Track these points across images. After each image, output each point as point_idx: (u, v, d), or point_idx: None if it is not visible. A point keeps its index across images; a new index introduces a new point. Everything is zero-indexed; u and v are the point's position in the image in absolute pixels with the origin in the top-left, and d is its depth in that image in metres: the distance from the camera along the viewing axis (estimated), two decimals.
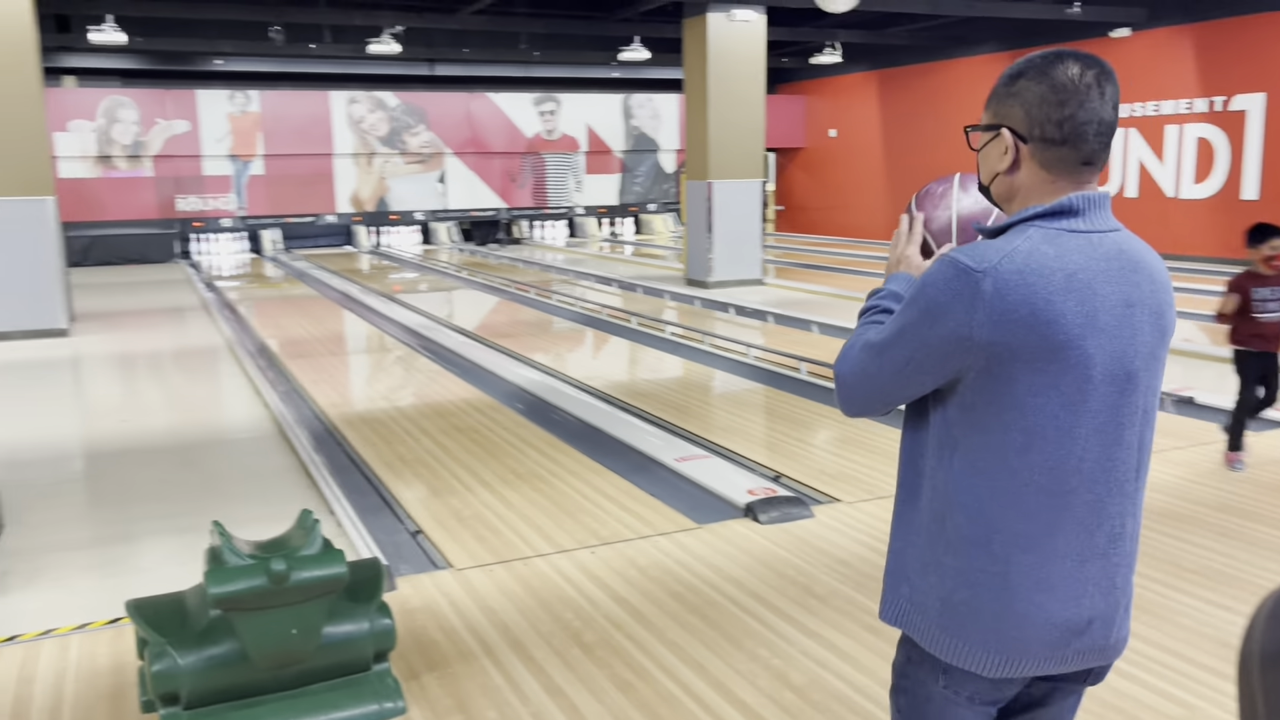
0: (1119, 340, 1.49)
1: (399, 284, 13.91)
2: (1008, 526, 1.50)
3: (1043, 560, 1.51)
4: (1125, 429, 1.52)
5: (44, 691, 2.97)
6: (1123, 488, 1.53)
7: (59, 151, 16.83)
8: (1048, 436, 1.48)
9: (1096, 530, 1.52)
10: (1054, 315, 1.44)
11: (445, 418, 6.25)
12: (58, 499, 4.86)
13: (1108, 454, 1.51)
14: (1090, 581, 1.53)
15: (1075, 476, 1.50)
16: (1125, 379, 1.50)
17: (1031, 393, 1.47)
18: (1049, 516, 1.50)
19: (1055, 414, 1.47)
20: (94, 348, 9.19)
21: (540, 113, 20.29)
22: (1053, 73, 1.50)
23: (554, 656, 3.15)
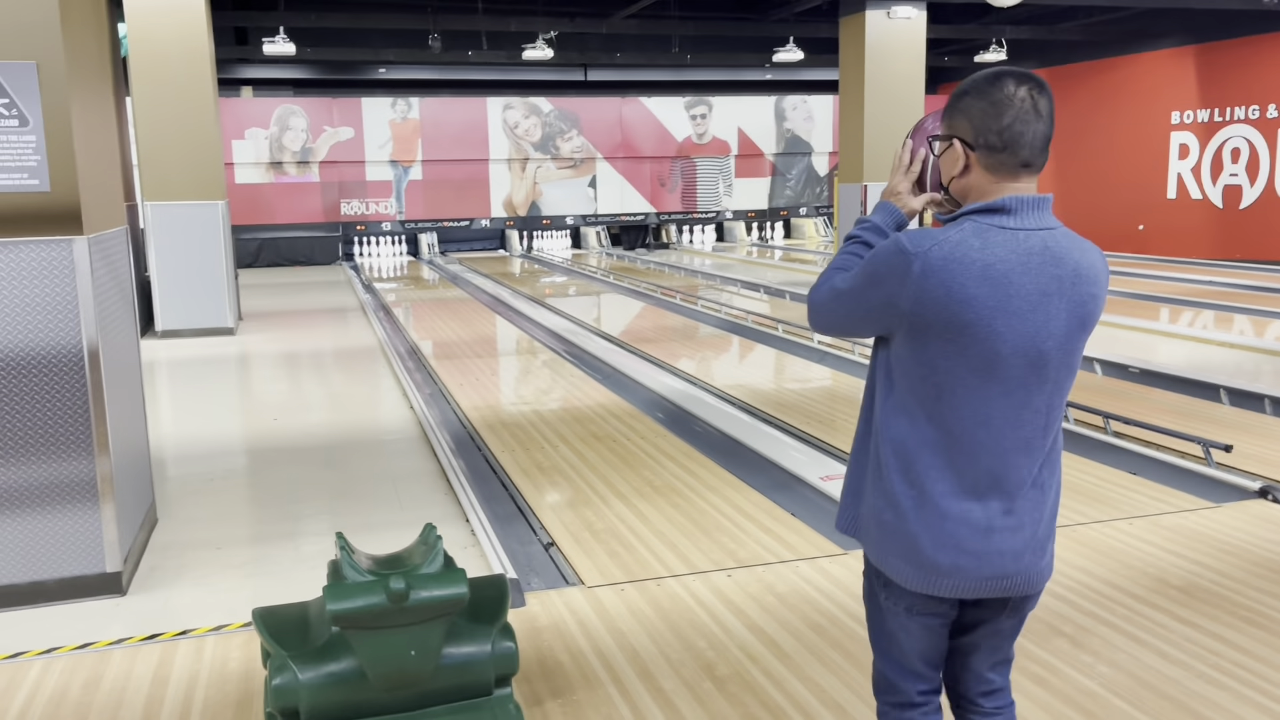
0: (1031, 323, 1.73)
1: (549, 288, 14.03)
2: (923, 461, 1.79)
3: (953, 493, 1.78)
4: (1034, 396, 1.77)
5: (175, 694, 2.97)
6: (1030, 444, 1.80)
7: (236, 159, 17.79)
8: (956, 393, 1.76)
9: (1003, 475, 1.79)
10: (966, 298, 1.71)
11: (584, 425, 6.15)
12: (207, 495, 4.98)
13: (1016, 415, 1.77)
14: (997, 518, 1.79)
15: (983, 429, 1.77)
16: (1036, 356, 1.75)
17: (943, 356, 1.75)
18: (958, 458, 1.78)
19: (963, 377, 1.75)
20: (256, 347, 9.56)
21: (691, 116, 20.18)
22: (992, 90, 1.77)
23: (684, 689, 2.96)
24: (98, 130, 3.93)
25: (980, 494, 1.78)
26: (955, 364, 1.74)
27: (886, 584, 1.89)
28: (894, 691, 1.99)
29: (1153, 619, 3.35)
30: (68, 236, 3.50)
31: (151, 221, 9.87)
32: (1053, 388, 1.79)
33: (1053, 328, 1.75)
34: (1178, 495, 4.64)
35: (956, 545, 1.79)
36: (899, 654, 1.95)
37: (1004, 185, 1.79)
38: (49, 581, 3.62)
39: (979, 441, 1.77)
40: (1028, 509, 1.81)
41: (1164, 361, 7.70)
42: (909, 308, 1.75)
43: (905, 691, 1.97)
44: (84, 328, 3.55)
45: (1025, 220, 1.77)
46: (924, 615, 1.87)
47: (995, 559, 1.80)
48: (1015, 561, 1.81)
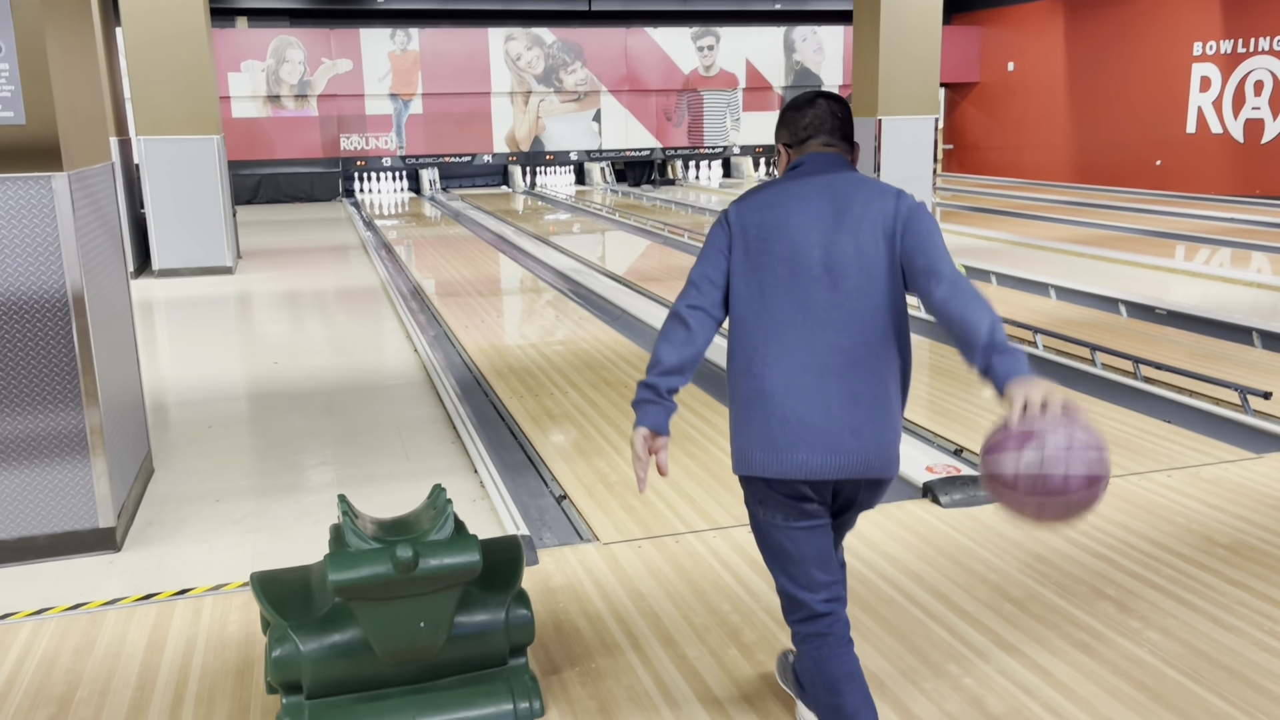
0: (813, 235, 2.07)
1: (553, 226, 13.74)
2: (759, 349, 2.07)
3: (788, 372, 2.05)
4: (836, 290, 2.05)
5: (171, 660, 2.81)
6: (846, 327, 2.05)
7: (232, 92, 17.35)
8: (774, 292, 2.07)
9: (827, 355, 2.04)
10: (755, 223, 2.12)
11: (594, 369, 5.95)
12: (206, 444, 4.81)
13: (827, 300, 2.05)
14: (832, 393, 2.04)
15: (799, 314, 2.05)
16: (825, 258, 2.06)
17: (755, 269, 2.10)
18: (786, 341, 2.06)
19: (774, 282, 2.08)
20: (255, 286, 9.33)
21: (698, 47, 19.65)
22: (793, 103, 2.26)
23: (709, 657, 2.79)
24: (77, 60, 3.67)
25: (815, 370, 2.04)
26: (769, 273, 2.09)
27: (748, 484, 2.17)
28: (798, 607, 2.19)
29: (1202, 580, 3.18)
30: (46, 173, 3.26)
31: (146, 157, 9.58)
32: (857, 285, 2.05)
33: (838, 239, 2.07)
34: (1216, 445, 4.45)
35: (799, 419, 2.04)
36: (791, 565, 2.15)
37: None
38: (39, 537, 3.46)
39: (798, 324, 2.06)
40: (862, 387, 2.06)
41: (1188, 301, 7.46)
42: (735, 231, 2.15)
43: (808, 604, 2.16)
44: (67, 270, 3.33)
45: (812, 169, 2.18)
46: (788, 517, 2.11)
47: (842, 434, 2.05)
48: (857, 437, 2.05)
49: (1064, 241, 10.67)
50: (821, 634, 2.14)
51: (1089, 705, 2.53)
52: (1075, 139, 17.96)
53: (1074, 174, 17.98)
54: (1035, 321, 6.76)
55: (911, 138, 11.73)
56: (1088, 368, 5.71)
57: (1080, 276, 8.53)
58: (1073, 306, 7.58)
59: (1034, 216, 13.04)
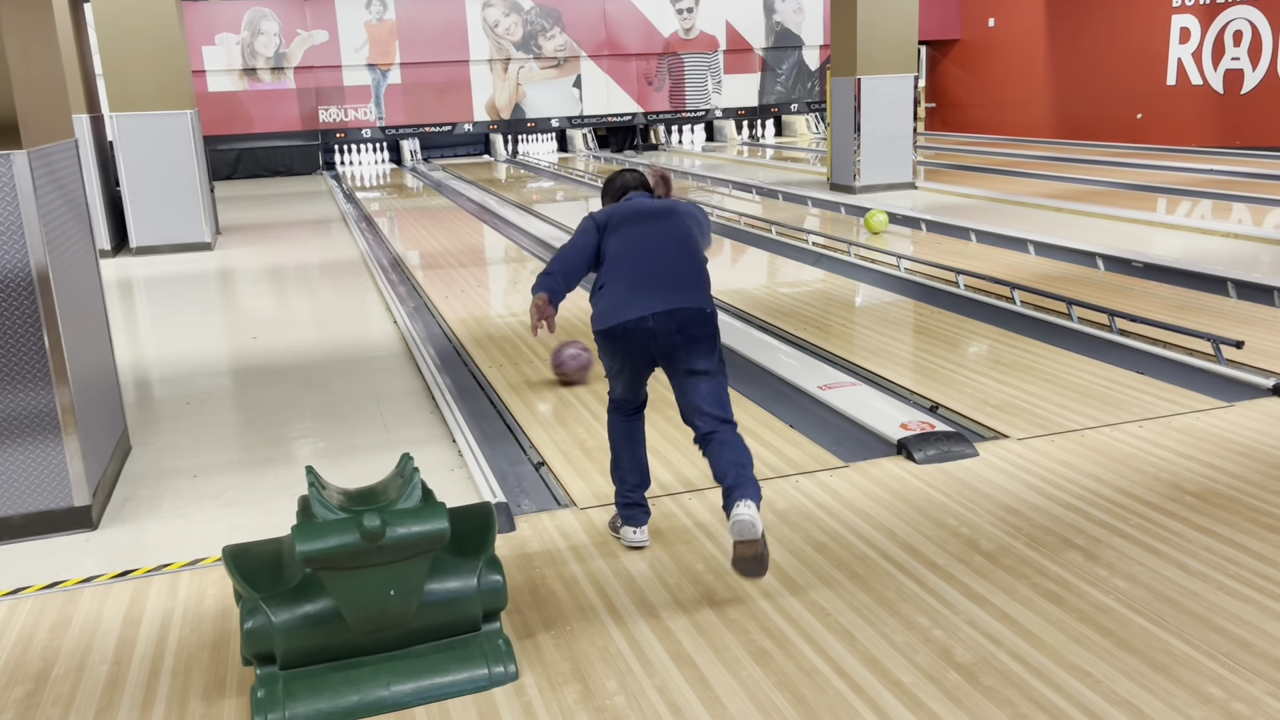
0: (640, 221, 3.24)
1: (535, 194, 13.67)
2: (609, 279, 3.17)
3: (622, 289, 3.12)
4: (664, 243, 3.19)
5: (148, 636, 2.83)
6: (670, 265, 3.15)
7: (207, 66, 17.16)
8: (623, 249, 3.18)
9: (652, 279, 3.12)
10: (605, 219, 3.27)
11: (574, 337, 5.94)
12: (184, 420, 4.81)
13: (658, 252, 3.17)
14: (649, 296, 3.08)
15: (634, 258, 3.17)
16: (652, 228, 3.22)
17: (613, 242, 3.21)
18: (623, 274, 3.14)
19: (622, 245, 3.18)
20: (235, 261, 9.29)
21: (677, 10, 19.47)
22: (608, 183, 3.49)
23: (682, 616, 2.82)
24: (34, 35, 3.62)
25: (641, 288, 3.09)
26: (620, 243, 3.19)
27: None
28: None
29: (1169, 528, 3.22)
30: (5, 151, 3.23)
31: (119, 133, 9.48)
32: (678, 241, 3.20)
33: (653, 222, 3.23)
34: (1188, 395, 4.48)
35: (629, 311, 3.09)
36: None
37: None
38: (15, 517, 3.46)
39: (633, 266, 3.16)
40: (668, 289, 3.11)
41: (1166, 254, 7.48)
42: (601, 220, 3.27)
43: None
44: (30, 249, 3.31)
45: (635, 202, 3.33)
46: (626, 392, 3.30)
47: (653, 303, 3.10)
48: (667, 303, 3.08)
49: (1044, 197, 10.67)
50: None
51: (1054, 652, 2.56)
52: (1056, 94, 17.90)
53: (1055, 129, 17.94)
54: (1013, 277, 6.77)
55: (890, 96, 11.68)
56: (1064, 322, 5.73)
57: (1059, 232, 8.54)
58: (1051, 262, 7.60)
59: (1015, 173, 13.02)
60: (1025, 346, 5.35)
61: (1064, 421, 4.21)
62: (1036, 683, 2.45)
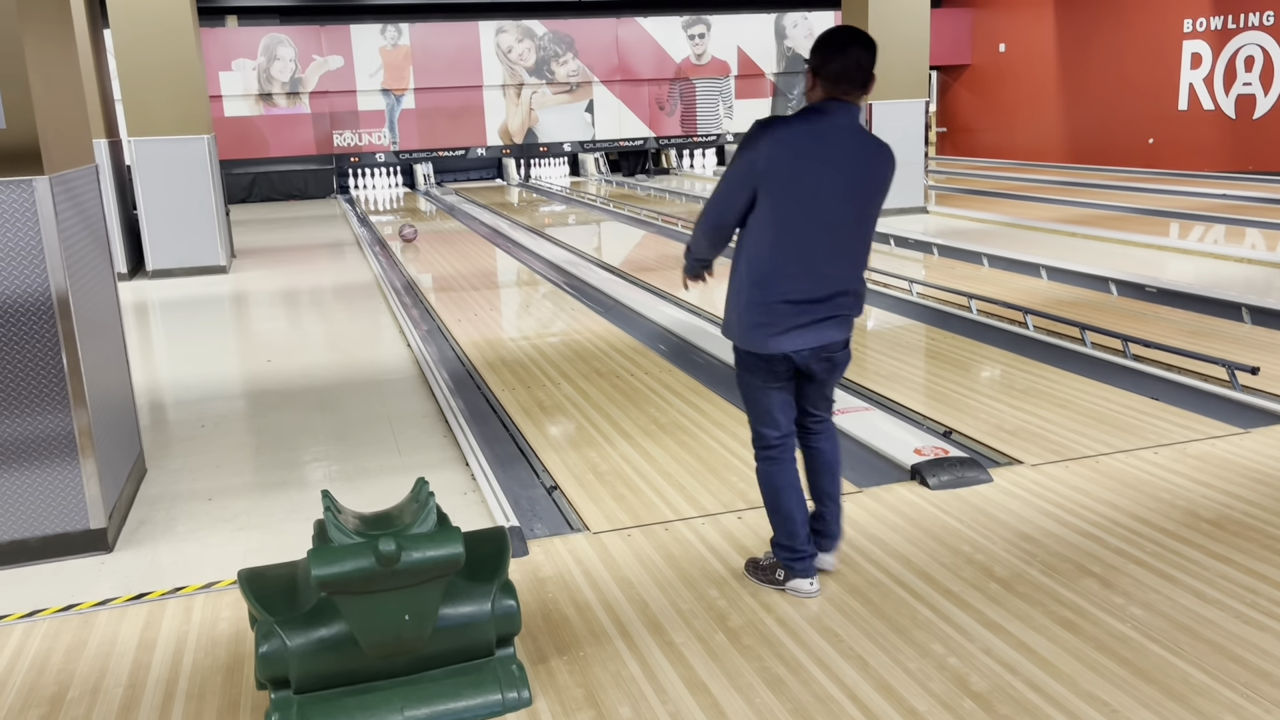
0: (831, 176, 2.74)
1: (548, 218, 13.74)
2: (765, 268, 2.81)
3: (782, 297, 2.80)
4: (839, 227, 2.79)
5: (162, 659, 2.84)
6: (836, 260, 2.81)
7: (224, 91, 17.33)
8: (794, 216, 2.76)
9: (813, 277, 2.80)
10: (798, 155, 2.73)
11: (586, 360, 5.97)
12: (199, 442, 4.83)
13: (827, 237, 2.78)
14: (820, 309, 2.82)
15: (806, 237, 2.78)
16: (837, 196, 2.76)
17: (782, 195, 2.74)
18: (785, 263, 2.79)
19: (795, 206, 2.75)
20: (250, 285, 9.35)
21: (689, 36, 19.61)
22: (832, 40, 2.80)
23: (696, 642, 2.81)
24: (58, 63, 3.67)
25: (806, 291, 2.82)
26: (791, 199, 2.75)
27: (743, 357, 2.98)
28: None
29: (1185, 555, 3.20)
30: (27, 177, 3.28)
31: (137, 158, 9.58)
32: (854, 224, 2.84)
33: (841, 183, 2.76)
34: (1203, 421, 4.46)
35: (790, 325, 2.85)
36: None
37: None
38: (31, 540, 3.48)
39: (799, 257, 2.81)
40: (834, 306, 2.87)
41: (1180, 279, 7.47)
42: (762, 168, 2.74)
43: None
44: (51, 273, 3.34)
45: (835, 117, 2.79)
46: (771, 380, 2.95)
47: (816, 326, 2.88)
48: (821, 336, 2.89)
49: (1056, 222, 10.67)
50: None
51: (1071, 681, 2.55)
52: (1067, 119, 17.93)
53: (1067, 154, 17.95)
54: (1026, 302, 6.77)
55: (901, 121, 11.73)
56: (1078, 347, 5.72)
57: (1072, 256, 8.54)
58: (1064, 286, 7.59)
59: (1027, 198, 13.03)
60: (1038, 372, 5.34)
61: (1078, 447, 4.20)
62: (1053, 711, 2.43)
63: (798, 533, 3.00)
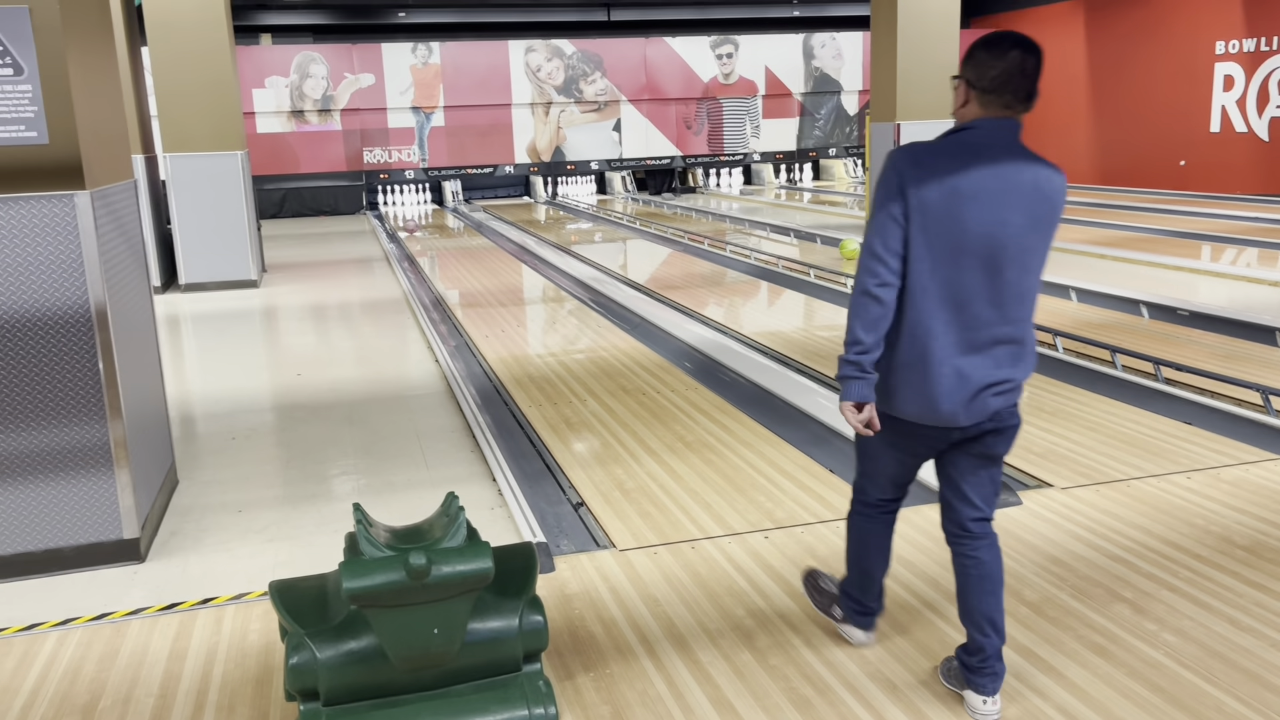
0: (992, 211, 2.28)
1: (574, 235, 13.81)
2: (922, 323, 2.36)
3: (933, 355, 2.35)
4: (1004, 269, 2.32)
5: (193, 669, 2.86)
6: (1003, 307, 2.36)
7: (257, 108, 17.56)
8: (946, 264, 2.31)
9: (977, 330, 2.36)
10: (950, 188, 2.28)
11: (613, 377, 5.98)
12: (229, 455, 4.87)
13: (990, 282, 2.32)
14: (977, 373, 2.37)
15: (966, 291, 2.32)
16: (1001, 235, 2.29)
17: (935, 235, 2.30)
18: (936, 319, 2.35)
19: (949, 251, 2.30)
20: (280, 299, 9.44)
21: (717, 55, 19.69)
22: (995, 49, 2.36)
23: (722, 661, 2.81)
24: (99, 79, 3.75)
25: (965, 345, 2.37)
26: (944, 241, 2.30)
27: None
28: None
29: (1219, 582, 3.16)
30: (69, 191, 3.34)
31: (171, 173, 9.72)
32: (1020, 264, 2.34)
33: (1009, 218, 2.29)
34: (1237, 446, 4.41)
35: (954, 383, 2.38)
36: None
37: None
38: (65, 549, 3.52)
39: (961, 303, 2.34)
40: (1000, 359, 2.41)
41: (1212, 302, 7.40)
42: (911, 199, 2.30)
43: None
44: (90, 286, 3.40)
45: (994, 138, 2.34)
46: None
47: (979, 394, 2.40)
48: (984, 402, 2.41)
49: (1086, 244, 10.60)
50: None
51: (1103, 708, 2.52)
52: (1098, 140, 17.83)
53: (1097, 176, 17.85)
54: (1056, 324, 6.72)
55: None
56: (1109, 370, 5.67)
57: (1102, 278, 8.48)
58: (1094, 309, 7.54)
59: None
60: (1068, 394, 5.30)
61: (1109, 471, 4.16)
62: None
63: (872, 590, 2.76)
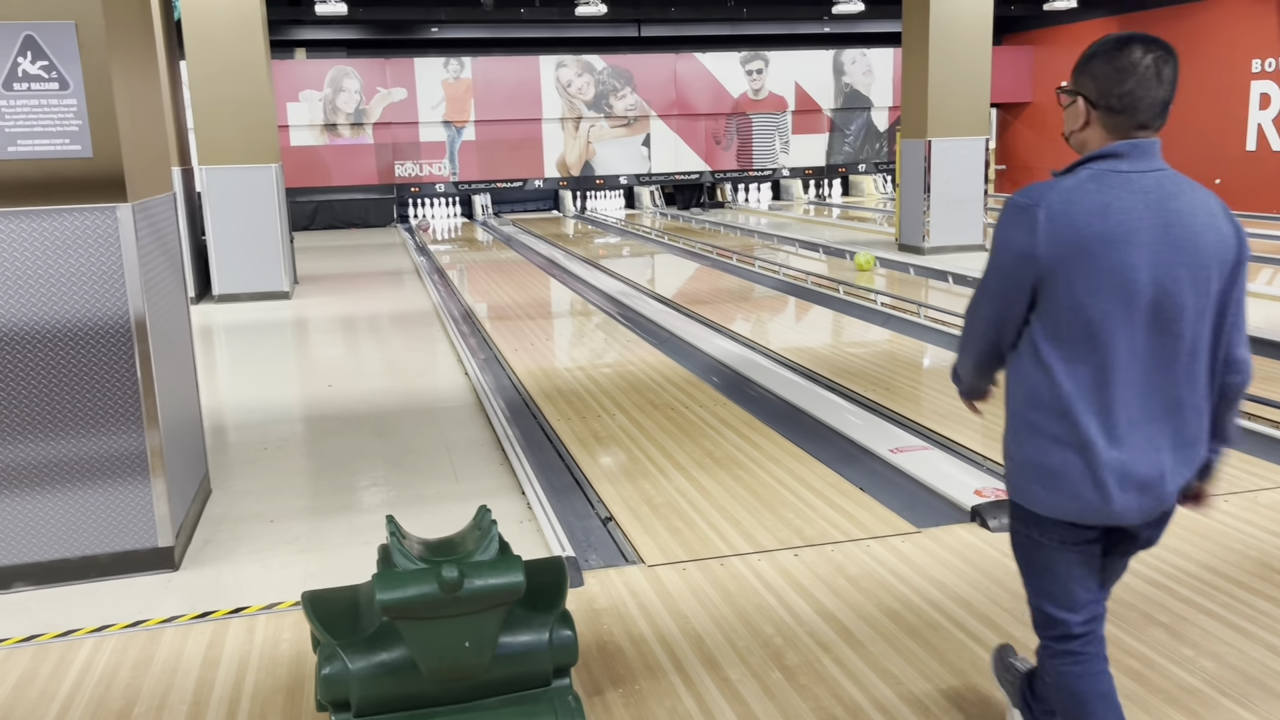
0: (1158, 253, 1.85)
1: (603, 249, 13.85)
2: (1081, 397, 1.91)
3: (1111, 424, 1.90)
4: (1173, 322, 1.88)
5: (225, 678, 2.89)
6: (1173, 367, 1.89)
7: (291, 121, 17.77)
8: (1104, 326, 1.86)
9: (1149, 397, 1.90)
10: (1094, 233, 1.85)
11: (641, 391, 5.99)
12: (261, 465, 4.92)
13: (1159, 340, 1.88)
14: (1152, 440, 1.91)
15: (1127, 354, 1.88)
16: (1170, 283, 1.86)
17: (1086, 293, 1.86)
18: (1091, 402, 1.91)
19: (1104, 309, 1.85)
20: (312, 311, 9.53)
21: (747, 71, 19.73)
22: (1119, 56, 1.90)
23: (752, 680, 2.80)
24: (141, 93, 3.81)
25: (1137, 418, 1.91)
26: (1099, 299, 1.86)
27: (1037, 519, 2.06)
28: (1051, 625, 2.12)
29: (1258, 607, 3.12)
30: (111, 204, 3.39)
31: (207, 185, 9.85)
32: (1194, 315, 1.89)
33: (1178, 257, 1.87)
34: (1275, 469, 4.35)
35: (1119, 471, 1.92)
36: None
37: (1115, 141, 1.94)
38: (101, 556, 3.56)
39: (1125, 366, 1.88)
40: (1177, 431, 1.94)
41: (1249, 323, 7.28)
42: (1044, 254, 1.88)
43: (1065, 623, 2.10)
44: (130, 298, 3.45)
45: (1138, 164, 1.91)
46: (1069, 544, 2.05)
47: (1160, 479, 1.95)
48: (1160, 484, 1.96)
49: None
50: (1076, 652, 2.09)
51: None
52: None
53: None
54: None
55: (962, 159, 11.67)
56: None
57: None
58: None
59: None
60: None
61: None
62: None
63: None
